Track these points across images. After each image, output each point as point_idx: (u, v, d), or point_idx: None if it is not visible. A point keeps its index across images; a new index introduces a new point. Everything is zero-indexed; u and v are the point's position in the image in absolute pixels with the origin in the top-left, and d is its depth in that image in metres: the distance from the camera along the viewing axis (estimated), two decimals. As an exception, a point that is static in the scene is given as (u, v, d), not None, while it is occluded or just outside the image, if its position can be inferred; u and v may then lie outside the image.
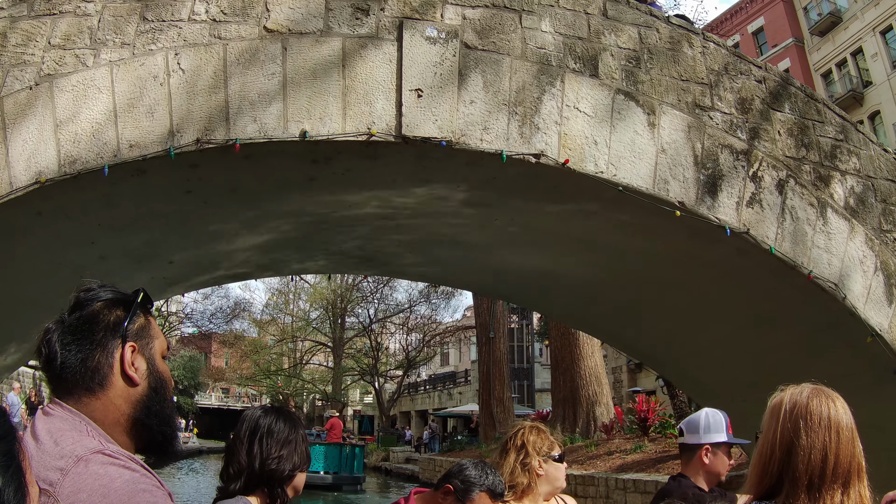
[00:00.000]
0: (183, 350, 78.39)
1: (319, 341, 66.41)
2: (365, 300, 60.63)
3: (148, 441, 1.86)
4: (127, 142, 6.32)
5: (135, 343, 1.85)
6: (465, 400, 55.24)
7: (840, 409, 2.34)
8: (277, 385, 67.84)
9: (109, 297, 1.89)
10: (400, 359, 63.21)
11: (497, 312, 33.58)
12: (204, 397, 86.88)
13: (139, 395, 1.82)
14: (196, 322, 55.72)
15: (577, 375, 26.62)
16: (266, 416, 2.94)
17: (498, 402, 32.87)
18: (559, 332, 27.12)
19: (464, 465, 3.53)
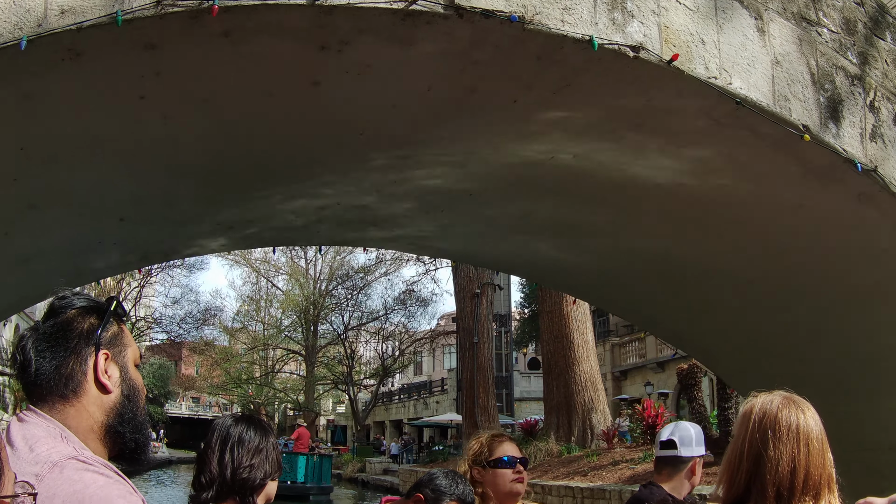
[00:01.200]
0: (153, 358, 75.99)
1: (291, 349, 63.98)
2: (339, 307, 58.14)
3: (121, 448, 1.80)
4: (58, 6, 4.08)
5: (108, 351, 1.80)
6: (443, 409, 53.02)
7: (811, 420, 2.28)
8: (249, 394, 65.23)
9: (83, 305, 1.84)
10: (375, 367, 60.80)
11: (481, 316, 31.60)
12: (174, 406, 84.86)
13: (112, 402, 1.78)
14: (165, 328, 53.08)
15: (571, 381, 24.71)
16: (237, 424, 2.80)
17: (482, 411, 30.79)
18: (552, 335, 25.25)
19: (434, 474, 3.33)
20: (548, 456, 23.63)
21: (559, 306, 25.22)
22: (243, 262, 63.83)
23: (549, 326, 25.51)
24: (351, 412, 62.31)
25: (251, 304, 65.64)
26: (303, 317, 60.83)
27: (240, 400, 66.61)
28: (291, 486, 30.45)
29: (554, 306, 25.37)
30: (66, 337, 1.77)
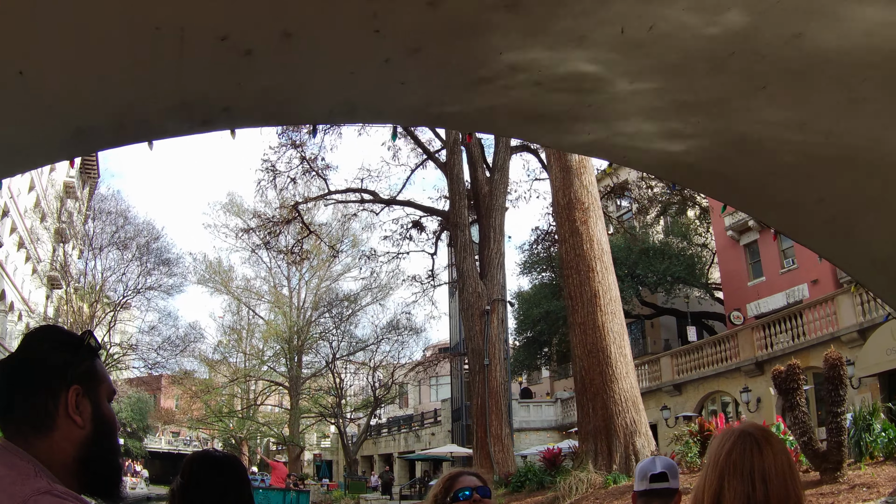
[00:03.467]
0: (131, 391, 70.22)
1: (275, 381, 58.49)
2: (326, 335, 52.83)
3: (93, 483, 1.72)
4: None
5: (80, 386, 1.72)
6: (438, 441, 47.67)
7: (767, 458, 2.13)
8: (230, 428, 59.49)
9: (58, 340, 1.78)
10: (364, 398, 55.33)
11: (492, 336, 26.78)
12: (153, 441, 78.66)
13: (84, 437, 1.70)
14: (142, 355, 47.41)
15: (610, 401, 20.13)
16: (208, 460, 2.72)
17: (495, 440, 25.96)
18: (585, 349, 20.65)
19: None
20: (591, 487, 18.76)
21: (593, 317, 20.72)
22: (223, 290, 58.67)
23: (582, 340, 20.94)
24: (340, 445, 56.92)
25: (232, 335, 60.09)
26: (286, 347, 55.45)
27: (221, 434, 60.74)
28: None
29: (587, 317, 20.83)
30: (39, 372, 1.68)
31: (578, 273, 21.20)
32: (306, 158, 30.51)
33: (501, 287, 28.12)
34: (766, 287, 41.01)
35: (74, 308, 41.47)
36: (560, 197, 22.16)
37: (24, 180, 41.37)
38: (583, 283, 21.07)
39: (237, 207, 55.75)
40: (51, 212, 42.99)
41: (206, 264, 58.76)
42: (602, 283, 21.04)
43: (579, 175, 22.02)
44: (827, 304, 27.47)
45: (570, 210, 21.71)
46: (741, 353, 30.21)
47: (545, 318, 44.05)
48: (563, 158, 22.11)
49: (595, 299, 20.83)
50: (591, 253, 21.26)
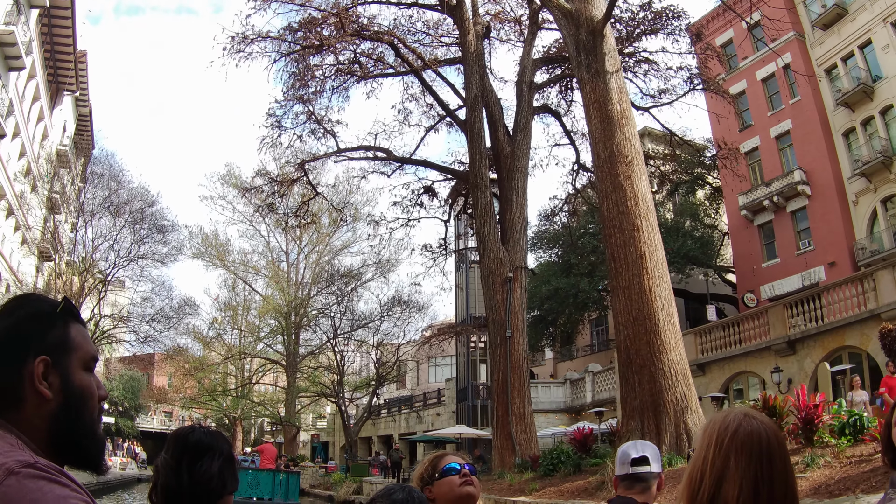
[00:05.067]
0: (122, 369, 66.69)
1: (271, 359, 55.13)
2: (328, 310, 49.47)
3: (68, 456, 1.65)
4: None
5: (48, 356, 1.61)
6: (442, 422, 44.71)
7: (773, 438, 2.07)
8: (224, 407, 56.16)
9: (30, 309, 1.67)
10: (365, 377, 51.99)
11: (514, 306, 23.81)
12: (145, 420, 75.08)
13: (51, 410, 1.60)
14: (134, 327, 43.83)
15: (658, 374, 17.40)
16: (194, 436, 2.53)
17: (517, 420, 23.11)
18: (630, 316, 17.88)
19: (391, 489, 2.88)
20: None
21: (638, 280, 17.96)
22: (219, 264, 55.24)
23: (627, 306, 18.22)
24: (337, 426, 53.79)
25: (227, 311, 56.69)
26: (284, 323, 52.11)
27: (214, 414, 57.40)
28: (258, 503, 28.27)
29: (632, 280, 18.04)
30: (9, 343, 1.59)
31: (622, 232, 18.37)
32: (314, 113, 27.44)
33: (524, 253, 25.19)
34: (781, 269, 38.75)
35: (65, 280, 38.02)
36: (601, 150, 19.34)
37: (15, 146, 38.15)
38: (627, 243, 18.26)
39: (235, 179, 52.58)
40: (40, 175, 39.51)
41: (201, 237, 55.58)
42: (648, 242, 18.26)
43: (621, 126, 19.25)
44: (865, 280, 24.76)
45: (611, 164, 18.91)
46: (772, 332, 27.52)
47: (554, 297, 41.33)
48: (603, 108, 19.39)
49: (641, 261, 18.05)
50: (636, 210, 18.47)
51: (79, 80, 44.46)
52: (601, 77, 19.51)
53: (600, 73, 19.56)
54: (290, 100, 27.34)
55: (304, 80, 27.04)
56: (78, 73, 43.69)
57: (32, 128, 40.07)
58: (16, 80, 34.84)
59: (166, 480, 2.46)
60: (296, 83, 27.19)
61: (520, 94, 26.81)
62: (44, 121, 42.11)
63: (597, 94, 19.55)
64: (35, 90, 39.01)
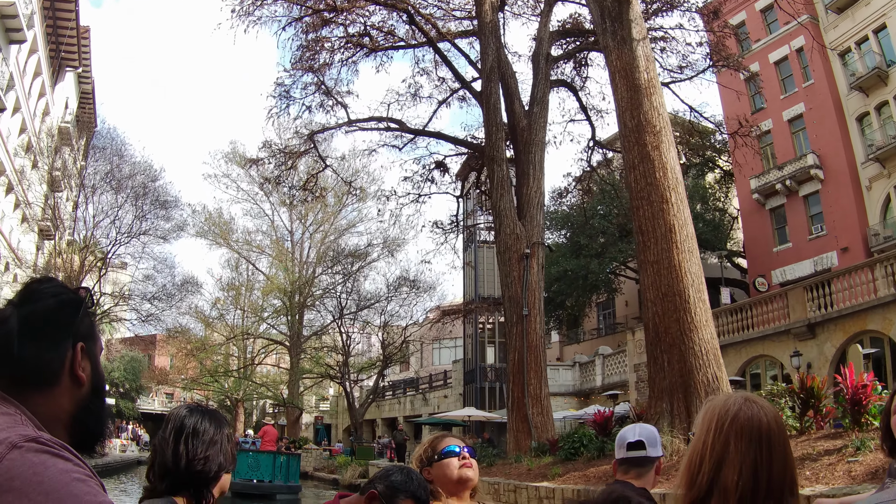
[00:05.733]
0: (124, 350, 65.37)
1: (274, 339, 53.85)
2: (333, 289, 48.13)
3: (82, 438, 1.64)
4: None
5: (83, 343, 1.65)
6: (449, 405, 43.61)
7: (772, 423, 2.05)
8: (226, 389, 54.92)
9: (61, 295, 1.66)
10: (367, 359, 50.70)
11: (531, 283, 22.66)
12: (146, 402, 73.75)
13: (83, 395, 1.63)
14: (135, 305, 42.43)
15: (689, 353, 16.20)
16: (192, 415, 2.58)
17: (534, 401, 21.93)
18: (659, 292, 16.76)
19: (390, 470, 2.95)
20: (675, 454, 14.70)
21: (668, 254, 16.79)
22: (223, 243, 53.86)
23: (655, 282, 17.01)
24: (340, 408, 52.58)
25: (230, 291, 55.37)
26: (288, 303, 50.80)
27: (216, 395, 56.13)
28: (258, 485, 28.13)
29: (661, 255, 16.88)
30: (49, 326, 1.60)
31: (650, 204, 17.19)
32: (324, 83, 26.18)
33: (541, 229, 24.03)
34: (793, 253, 37.76)
35: (65, 259, 36.64)
36: (627, 119, 18.17)
37: (16, 121, 36.90)
38: (655, 216, 17.09)
39: (240, 157, 51.12)
40: (41, 151, 38.16)
41: (205, 215, 54.14)
42: (678, 216, 17.10)
43: (648, 95, 18.09)
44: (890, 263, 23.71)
45: (639, 133, 17.77)
46: (791, 315, 26.40)
47: (563, 278, 40.19)
48: (629, 76, 18.27)
49: (670, 234, 16.90)
50: (665, 182, 17.30)
51: (81, 56, 43.22)
52: (627, 44, 18.38)
53: (626, 40, 18.43)
54: (299, 69, 26.10)
55: (313, 52, 25.85)
56: (81, 49, 42.46)
57: (33, 103, 38.88)
58: (17, 54, 33.69)
59: (163, 459, 2.45)
60: (305, 54, 26.01)
61: (536, 67, 25.62)
62: (45, 97, 40.90)
63: (623, 61, 18.44)
64: (37, 65, 37.81)
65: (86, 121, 46.99)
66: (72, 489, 1.35)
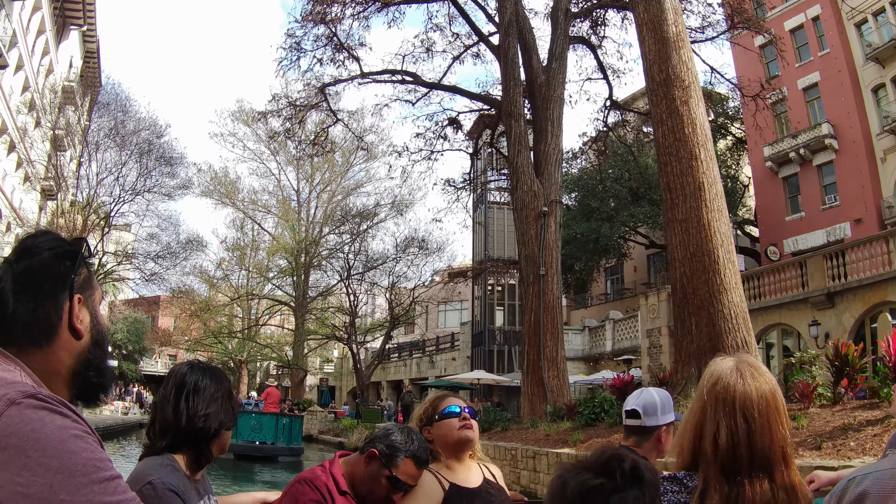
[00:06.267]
0: (127, 312, 64.52)
1: (279, 300, 52.92)
2: (337, 252, 47.09)
3: (83, 391, 1.64)
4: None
5: (81, 295, 1.62)
6: (456, 368, 42.85)
7: (753, 393, 2.01)
8: (229, 350, 54.08)
9: (56, 247, 1.64)
10: (373, 321, 49.76)
11: (548, 242, 21.75)
12: (149, 363, 73.00)
13: (82, 347, 1.61)
14: (139, 264, 41.30)
15: (717, 316, 15.40)
16: (193, 372, 2.55)
17: (550, 364, 21.13)
18: (687, 252, 15.94)
19: (389, 430, 3.05)
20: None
21: (696, 213, 15.95)
22: (228, 203, 52.75)
23: (683, 241, 16.18)
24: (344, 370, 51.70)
25: (235, 252, 54.39)
26: (294, 263, 49.82)
27: (219, 356, 55.29)
28: (260, 447, 27.65)
29: (689, 213, 16.03)
30: (43, 279, 1.57)
31: (679, 161, 16.33)
32: (336, 35, 25.06)
33: (559, 186, 23.13)
34: (806, 223, 36.94)
35: (67, 220, 35.54)
36: (655, 73, 17.28)
37: (18, 79, 35.81)
38: (684, 173, 16.24)
39: (246, 115, 49.88)
40: (43, 109, 37.07)
41: (210, 175, 52.79)
42: (707, 173, 16.25)
43: (677, 49, 17.21)
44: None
45: (667, 87, 16.90)
46: (810, 283, 25.55)
47: (573, 241, 39.28)
48: (657, 29, 17.39)
49: (699, 192, 16.06)
50: (694, 138, 16.43)
51: (86, 13, 42.05)
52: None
53: (654, -9, 17.48)
54: (311, 20, 24.92)
55: (324, 4, 24.70)
56: (85, 7, 41.30)
57: (37, 61, 37.82)
58: (20, 11, 32.63)
59: (164, 416, 2.45)
60: (315, 7, 24.87)
61: (555, 22, 24.62)
62: (49, 55, 39.81)
63: (650, 13, 17.53)
64: (40, 23, 36.74)
65: (90, 80, 45.84)
66: (69, 445, 1.33)
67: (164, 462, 2.38)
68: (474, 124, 31.41)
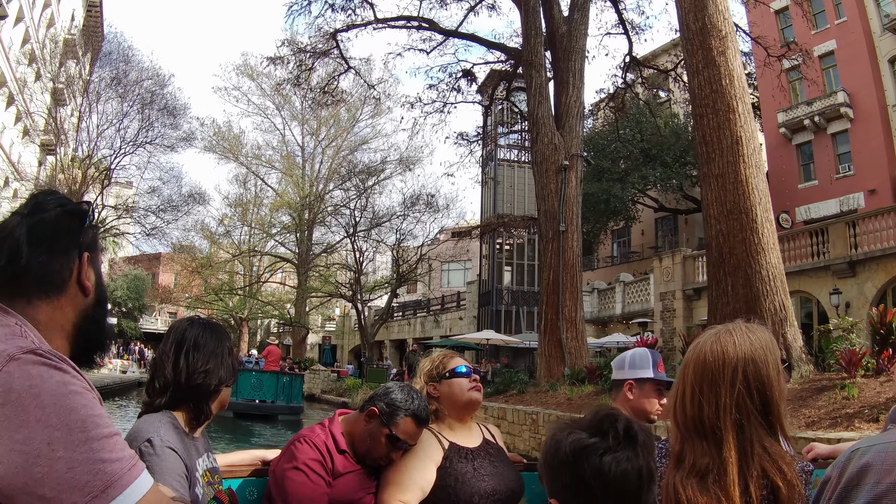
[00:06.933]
0: (128, 269, 63.33)
1: (282, 257, 51.70)
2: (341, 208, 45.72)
3: (84, 348, 1.61)
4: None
5: (89, 253, 1.62)
6: (462, 327, 41.87)
7: (708, 357, 1.91)
8: (230, 307, 53.00)
9: (67, 206, 1.63)
10: (376, 279, 48.46)
11: (569, 197, 20.68)
12: (149, 321, 71.81)
13: (88, 304, 1.60)
14: (140, 218, 39.88)
15: (755, 277, 14.30)
16: (192, 328, 2.49)
17: (568, 325, 20.12)
18: (723, 209, 14.95)
19: (390, 388, 2.98)
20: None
21: (734, 168, 14.91)
22: (231, 158, 51.29)
23: (720, 197, 15.07)
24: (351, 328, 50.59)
25: (237, 208, 53.04)
26: (297, 219, 48.50)
27: (220, 314, 54.15)
28: (260, 406, 27.26)
29: (726, 168, 14.97)
30: (56, 234, 1.56)
31: (716, 113, 15.22)
32: (348, -24, 23.77)
33: (580, 140, 22.03)
34: (819, 192, 35.98)
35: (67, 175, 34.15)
36: (691, 21, 16.11)
37: (18, 31, 34.42)
38: (721, 126, 15.16)
39: (251, 69, 48.43)
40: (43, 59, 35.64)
41: (214, 129, 51.30)
42: (745, 128, 15.18)
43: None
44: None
45: (703, 37, 15.76)
46: (832, 251, 24.58)
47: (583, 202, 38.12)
48: (692, -27, 15.98)
49: (737, 146, 14.99)
50: (732, 90, 15.33)
51: (90, -36, 40.48)
52: (692, -61, 16.18)
53: (691, -66, 16.21)
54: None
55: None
56: (89, -43, 39.76)
57: (38, 13, 36.36)
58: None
59: (164, 372, 2.39)
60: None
61: (577, -27, 23.27)
62: (50, 7, 38.35)
63: (687, -43, 16.24)
64: (42, -27, 35.30)
65: (92, 30, 44.26)
66: (68, 402, 1.31)
67: (163, 419, 2.30)
68: (487, 78, 30.29)
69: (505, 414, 17.24)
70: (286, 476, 2.72)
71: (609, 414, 1.78)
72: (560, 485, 1.76)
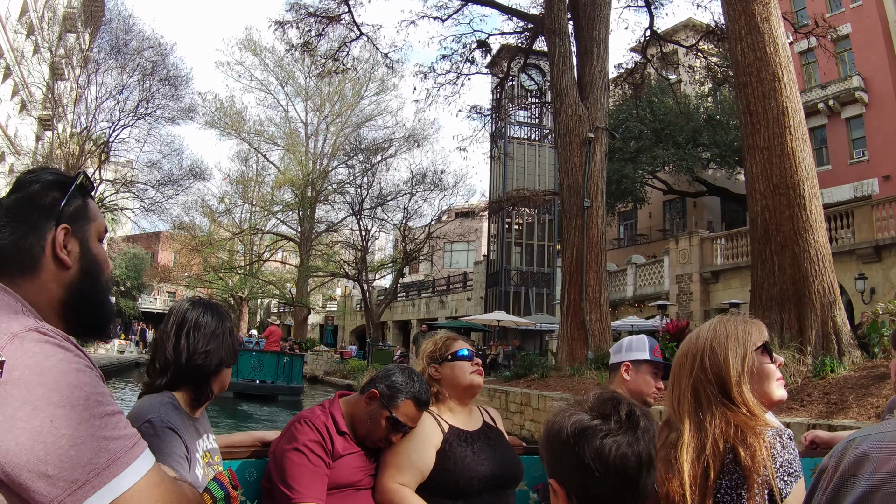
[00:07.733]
0: (126, 247, 61.93)
1: (284, 235, 50.39)
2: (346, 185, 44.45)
3: (80, 324, 1.59)
4: None
5: (69, 225, 1.58)
6: (469, 309, 40.79)
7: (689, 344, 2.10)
8: (230, 287, 51.75)
9: (49, 179, 1.61)
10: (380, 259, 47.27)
11: (593, 171, 19.54)
12: (148, 301, 70.50)
13: (71, 278, 1.56)
14: (139, 193, 38.51)
15: (803, 257, 13.21)
16: (193, 309, 2.44)
17: (592, 306, 19.03)
18: (769, 183, 13.94)
19: (391, 370, 2.95)
20: (795, 375, 11.86)
21: (780, 140, 13.84)
22: (233, 133, 49.82)
23: (766, 171, 13.98)
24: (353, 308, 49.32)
25: (238, 185, 51.62)
26: (300, 196, 47.24)
27: (220, 293, 52.92)
28: (260, 386, 26.82)
29: (772, 140, 13.90)
30: (28, 211, 1.55)
31: (761, 82, 14.11)
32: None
33: (604, 112, 20.90)
34: (832, 176, 35.11)
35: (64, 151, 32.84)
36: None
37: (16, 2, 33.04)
38: (766, 96, 14.07)
39: (255, 44, 47.01)
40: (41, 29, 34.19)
41: (216, 104, 49.83)
42: (790, 98, 14.07)
43: (756, -42, 14.67)
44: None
45: (746, 2, 14.50)
46: (857, 235, 23.59)
47: (594, 182, 37.25)
48: (735, -66, 14.85)
49: (783, 118, 13.90)
50: (777, 59, 14.22)
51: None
52: None
53: None
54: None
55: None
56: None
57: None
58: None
59: (164, 353, 2.36)
60: None
61: (600, -60, 22.03)
62: (50, -22, 36.82)
63: (727, -84, 15.11)
64: (41, -57, 33.87)
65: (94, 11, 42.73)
66: (71, 379, 1.30)
67: (163, 400, 2.24)
68: (500, 51, 29.39)
69: (529, 400, 16.09)
70: (286, 457, 2.67)
71: (612, 397, 1.76)
72: (560, 465, 1.73)
